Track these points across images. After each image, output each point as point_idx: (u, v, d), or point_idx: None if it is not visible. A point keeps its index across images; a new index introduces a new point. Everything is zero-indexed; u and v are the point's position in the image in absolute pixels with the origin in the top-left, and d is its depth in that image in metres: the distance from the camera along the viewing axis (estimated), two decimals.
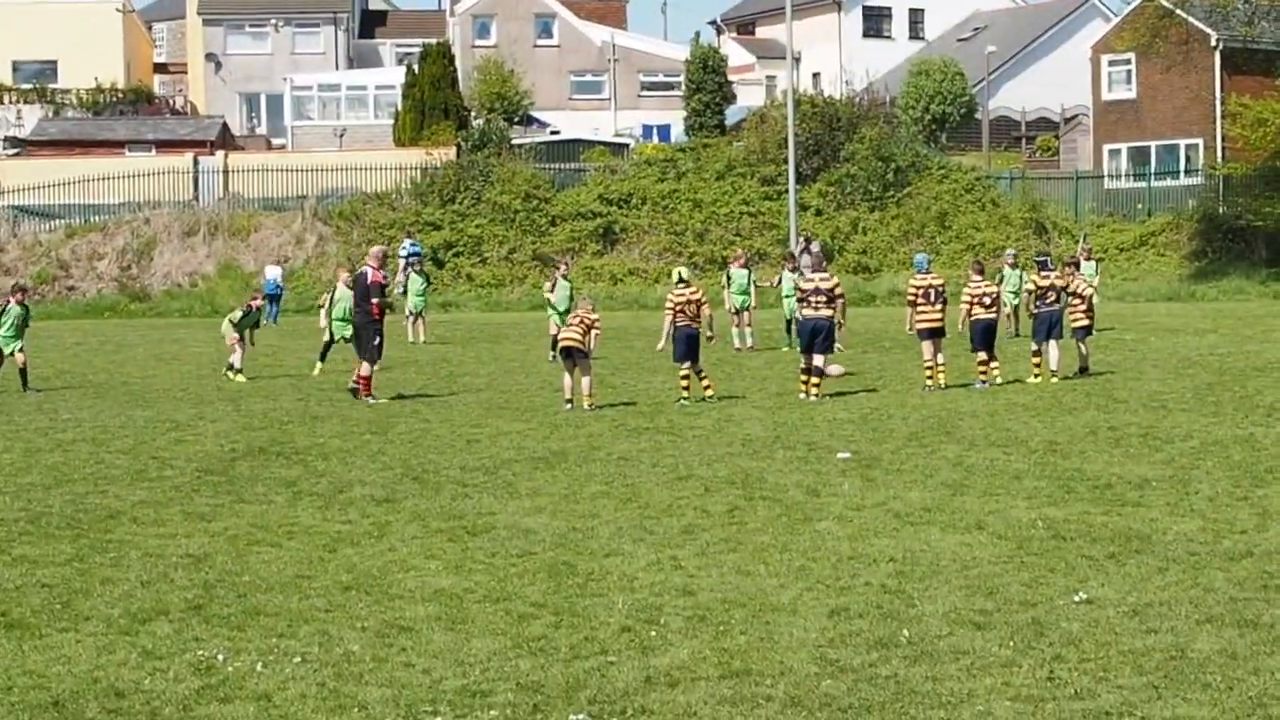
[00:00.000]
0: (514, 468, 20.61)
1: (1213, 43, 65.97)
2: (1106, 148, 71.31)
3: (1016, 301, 34.11)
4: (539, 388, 30.80)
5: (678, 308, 27.73)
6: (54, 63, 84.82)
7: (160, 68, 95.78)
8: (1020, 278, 35.77)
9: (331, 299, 34.35)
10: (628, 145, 75.04)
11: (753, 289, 38.67)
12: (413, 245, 53.86)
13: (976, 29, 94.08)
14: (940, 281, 29.41)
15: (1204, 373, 30.61)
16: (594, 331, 26.70)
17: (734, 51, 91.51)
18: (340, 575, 14.42)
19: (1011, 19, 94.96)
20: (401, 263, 50.06)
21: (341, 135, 79.72)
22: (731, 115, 77.81)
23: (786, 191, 61.81)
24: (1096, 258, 32.43)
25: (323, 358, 34.23)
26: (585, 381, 26.78)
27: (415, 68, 75.06)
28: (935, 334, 28.65)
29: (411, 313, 43.09)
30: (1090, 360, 30.64)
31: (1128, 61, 69.47)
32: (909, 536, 15.65)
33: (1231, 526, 15.79)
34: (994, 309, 29.63)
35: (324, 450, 22.64)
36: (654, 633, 12.25)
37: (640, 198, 66.34)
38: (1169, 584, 13.49)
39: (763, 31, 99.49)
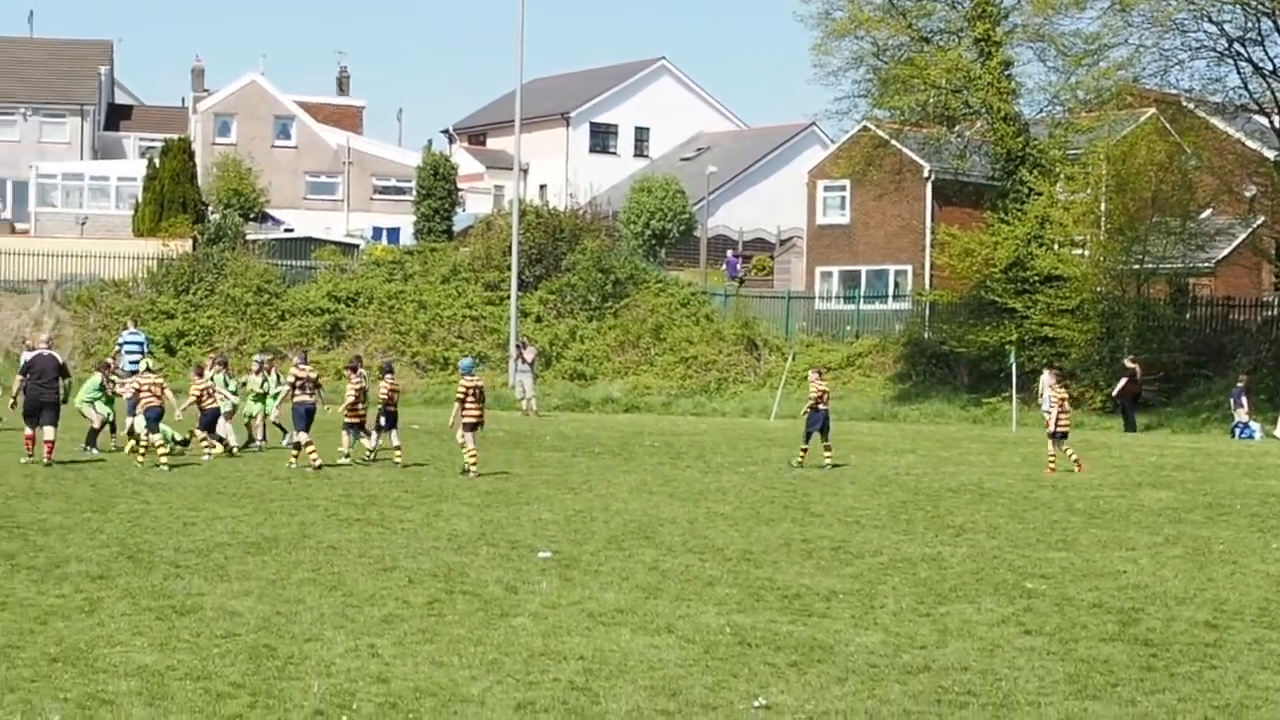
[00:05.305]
0: (226, 551, 20.96)
1: (925, 174, 68.08)
2: (819, 270, 72.94)
3: None
4: (257, 475, 31.24)
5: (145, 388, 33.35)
6: None
7: None
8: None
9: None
10: (358, 246, 75.54)
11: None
12: (131, 333, 53.36)
13: (700, 149, 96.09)
14: (481, 383, 33.27)
15: (899, 491, 31.04)
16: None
17: (464, 160, 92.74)
18: (49, 647, 14.67)
19: (734, 141, 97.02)
20: (118, 347, 50.16)
21: (83, 223, 79.85)
22: (460, 221, 78.84)
23: (509, 297, 62.97)
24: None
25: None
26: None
27: (156, 161, 75.87)
28: (475, 427, 32.62)
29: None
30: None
31: (843, 188, 71.38)
32: (600, 636, 15.86)
33: (912, 641, 16.04)
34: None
35: (45, 526, 22.96)
36: (345, 717, 12.54)
37: (368, 297, 67.12)
38: (847, 694, 13.72)
39: (493, 142, 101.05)
